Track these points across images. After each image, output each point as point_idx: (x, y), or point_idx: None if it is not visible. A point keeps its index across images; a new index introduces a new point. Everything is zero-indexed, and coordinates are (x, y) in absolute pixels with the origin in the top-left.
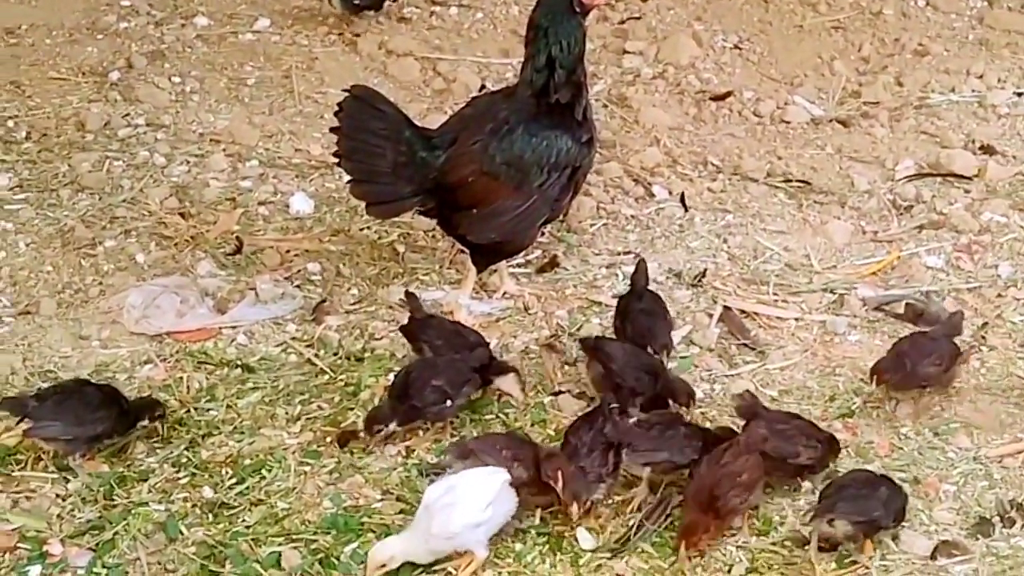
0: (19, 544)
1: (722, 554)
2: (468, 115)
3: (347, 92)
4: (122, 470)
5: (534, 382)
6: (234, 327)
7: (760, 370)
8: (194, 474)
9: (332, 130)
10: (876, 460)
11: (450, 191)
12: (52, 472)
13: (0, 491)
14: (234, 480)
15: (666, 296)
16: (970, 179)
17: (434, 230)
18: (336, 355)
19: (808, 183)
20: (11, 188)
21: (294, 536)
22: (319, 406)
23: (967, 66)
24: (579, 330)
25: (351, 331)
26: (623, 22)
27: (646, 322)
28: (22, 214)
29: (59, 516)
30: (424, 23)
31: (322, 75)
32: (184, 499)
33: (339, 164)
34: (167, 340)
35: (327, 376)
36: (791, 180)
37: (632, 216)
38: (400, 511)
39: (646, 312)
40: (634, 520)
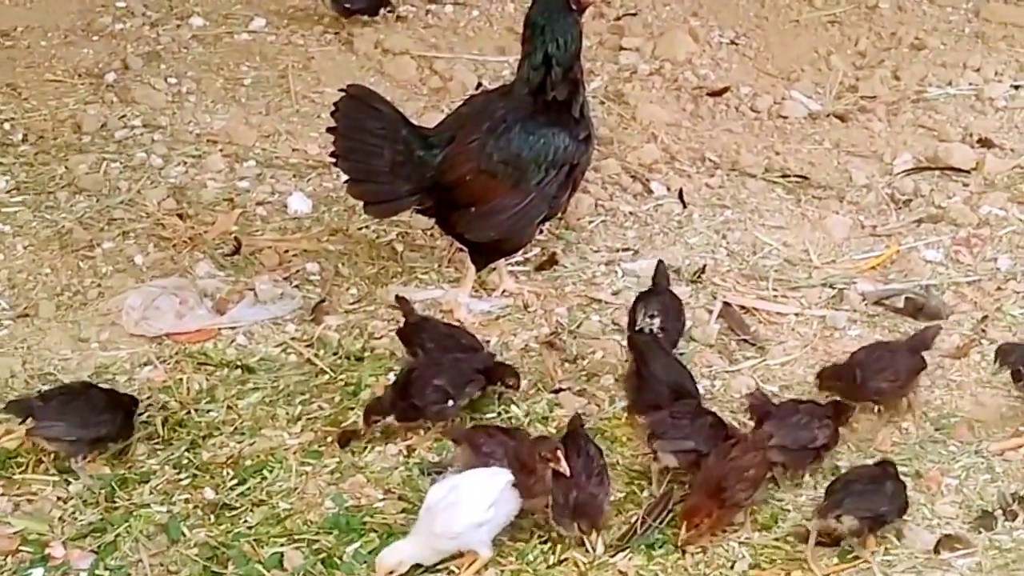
0: (21, 547)
1: (725, 550)
2: (465, 114)
3: (343, 92)
4: (123, 472)
5: (534, 380)
6: (233, 328)
7: (760, 366)
8: (195, 475)
9: (329, 130)
10: (877, 455)
11: (448, 190)
12: (53, 475)
13: (1, 494)
14: (235, 481)
15: None
16: (968, 172)
17: (432, 229)
18: (336, 355)
19: (806, 178)
20: (8, 191)
21: (296, 536)
22: (319, 406)
23: (964, 59)
24: (579, 327)
25: (351, 331)
26: (619, 18)
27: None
28: (20, 216)
29: (60, 519)
30: (420, 21)
31: (318, 74)
32: (186, 500)
33: (336, 164)
34: (167, 341)
35: (327, 376)
36: (789, 175)
37: (630, 213)
38: (402, 510)
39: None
40: (636, 517)
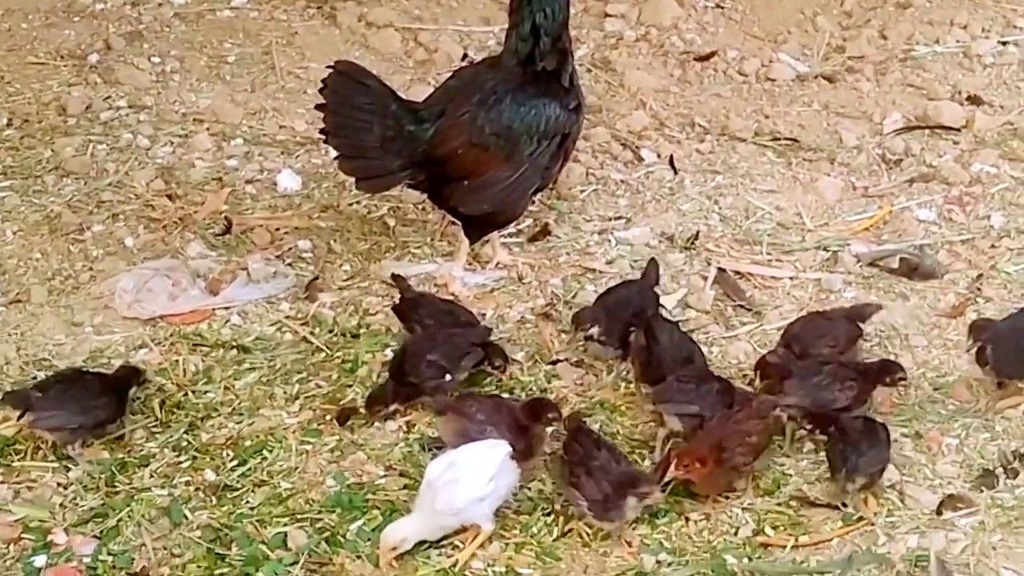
0: (23, 535)
1: (728, 516)
2: (454, 87)
3: (331, 68)
4: (122, 456)
5: (531, 352)
6: (227, 308)
7: (757, 331)
8: (195, 457)
9: (318, 107)
10: (878, 416)
11: (440, 164)
12: (52, 461)
13: (1, 482)
14: (236, 462)
15: (660, 260)
16: (958, 131)
17: (424, 203)
18: (331, 332)
19: (796, 141)
20: None
21: (299, 516)
22: (317, 384)
23: (950, 16)
24: (574, 298)
25: (345, 307)
26: None
27: None
28: (7, 201)
29: (61, 505)
30: None
31: (302, 50)
32: (186, 483)
33: (326, 141)
34: (161, 324)
35: (323, 354)
36: (779, 138)
37: (622, 181)
38: (404, 487)
39: None
40: None
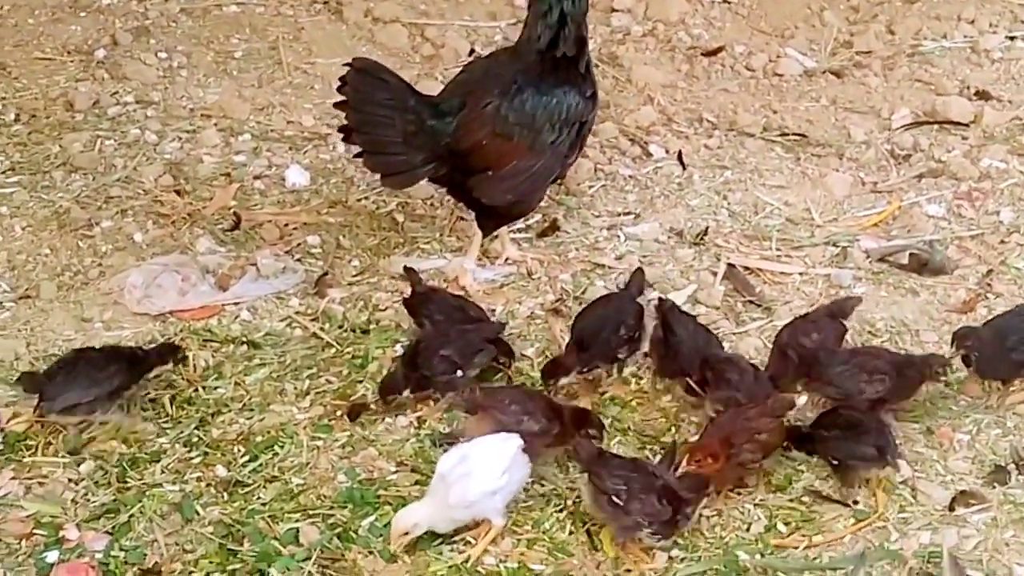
0: (35, 530)
1: (740, 512)
2: (471, 79)
3: (349, 65)
4: (133, 451)
5: (541, 347)
6: (237, 303)
7: (768, 326)
8: (206, 453)
9: (337, 105)
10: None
11: (464, 156)
12: (63, 457)
13: (13, 478)
14: (247, 458)
15: (669, 256)
16: (967, 126)
17: (432, 198)
18: (341, 328)
19: (805, 136)
20: (3, 171)
21: (311, 512)
22: (327, 380)
23: (958, 11)
24: (584, 293)
25: (355, 303)
26: None
27: None
28: (16, 197)
29: (73, 500)
30: None
31: (309, 45)
32: (198, 479)
33: (346, 139)
34: (170, 319)
35: (334, 349)
36: (787, 134)
37: (630, 176)
38: (415, 482)
39: None
40: None
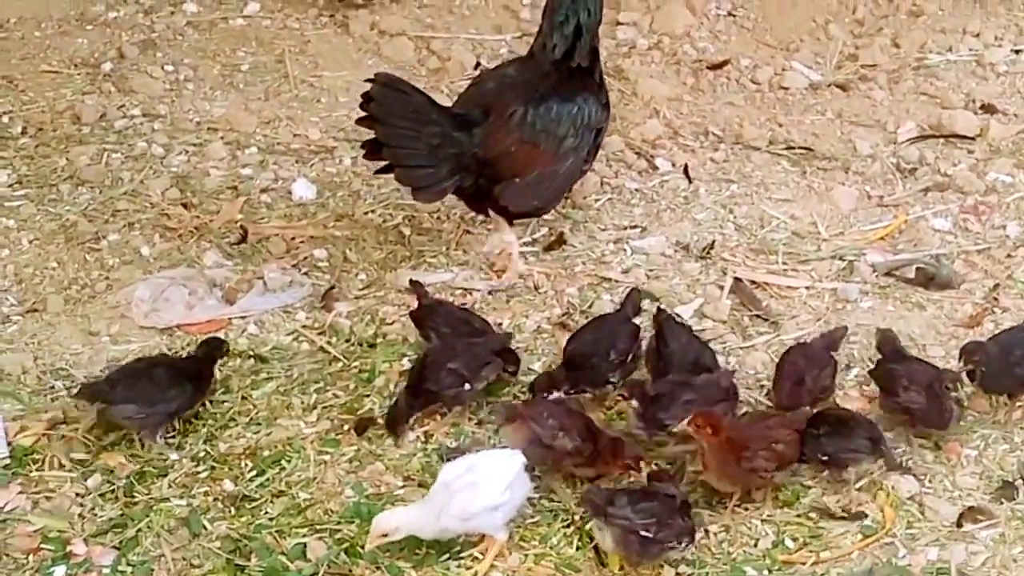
0: (42, 545)
1: (748, 527)
2: (488, 90)
3: (372, 81)
4: (140, 466)
5: (548, 361)
6: (244, 317)
7: (775, 340)
8: (213, 467)
9: (361, 121)
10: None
11: (491, 164)
12: (71, 471)
13: (20, 492)
14: (254, 472)
15: (675, 269)
16: (973, 139)
17: (439, 212)
18: (348, 342)
19: (811, 149)
20: (10, 184)
21: (318, 527)
22: (334, 394)
23: (963, 25)
24: (590, 307)
25: (362, 317)
26: None
27: None
28: (23, 210)
29: (80, 515)
30: (415, 1)
31: (315, 58)
32: (205, 493)
33: (369, 156)
34: (178, 333)
35: (340, 363)
36: (793, 147)
37: (636, 190)
38: (423, 497)
39: None
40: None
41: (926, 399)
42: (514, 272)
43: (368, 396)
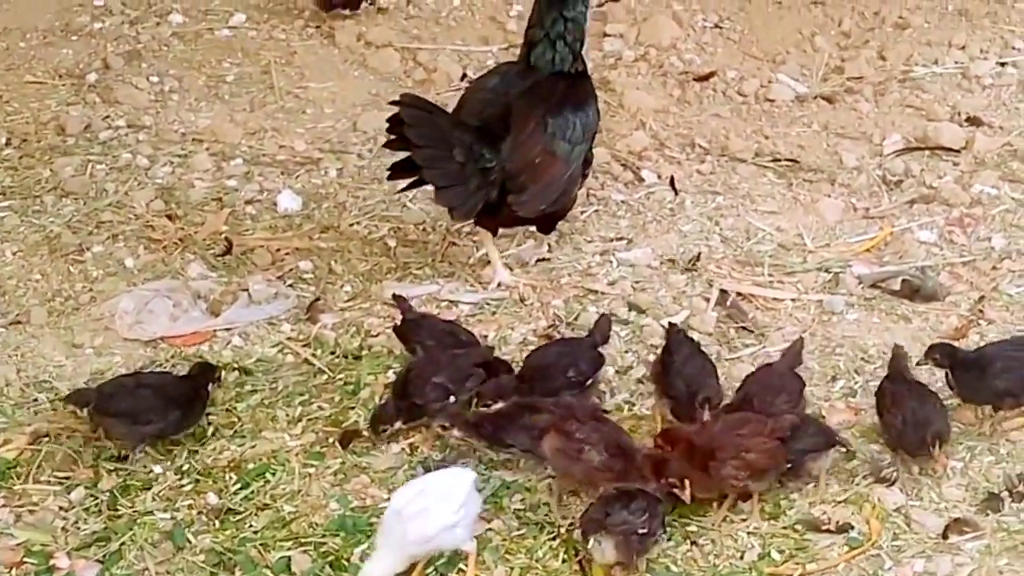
0: (25, 559)
1: (734, 540)
2: (493, 99)
3: (398, 103)
4: (124, 479)
5: None
6: (228, 329)
7: (760, 352)
8: (198, 480)
9: (390, 144)
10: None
11: (515, 176)
12: (54, 484)
13: (3, 505)
14: (238, 485)
15: (661, 281)
16: (958, 152)
17: (424, 224)
18: (333, 354)
19: (796, 161)
20: None
21: (303, 540)
22: (319, 406)
23: (948, 37)
24: (576, 319)
25: (347, 329)
26: (602, 4)
27: None
28: (7, 222)
29: (64, 529)
30: (402, 12)
31: (301, 69)
32: (189, 506)
33: (393, 176)
34: (162, 345)
35: (326, 376)
36: (779, 159)
37: (622, 201)
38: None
39: None
40: None
41: (902, 424)
42: (498, 281)
43: (353, 408)
